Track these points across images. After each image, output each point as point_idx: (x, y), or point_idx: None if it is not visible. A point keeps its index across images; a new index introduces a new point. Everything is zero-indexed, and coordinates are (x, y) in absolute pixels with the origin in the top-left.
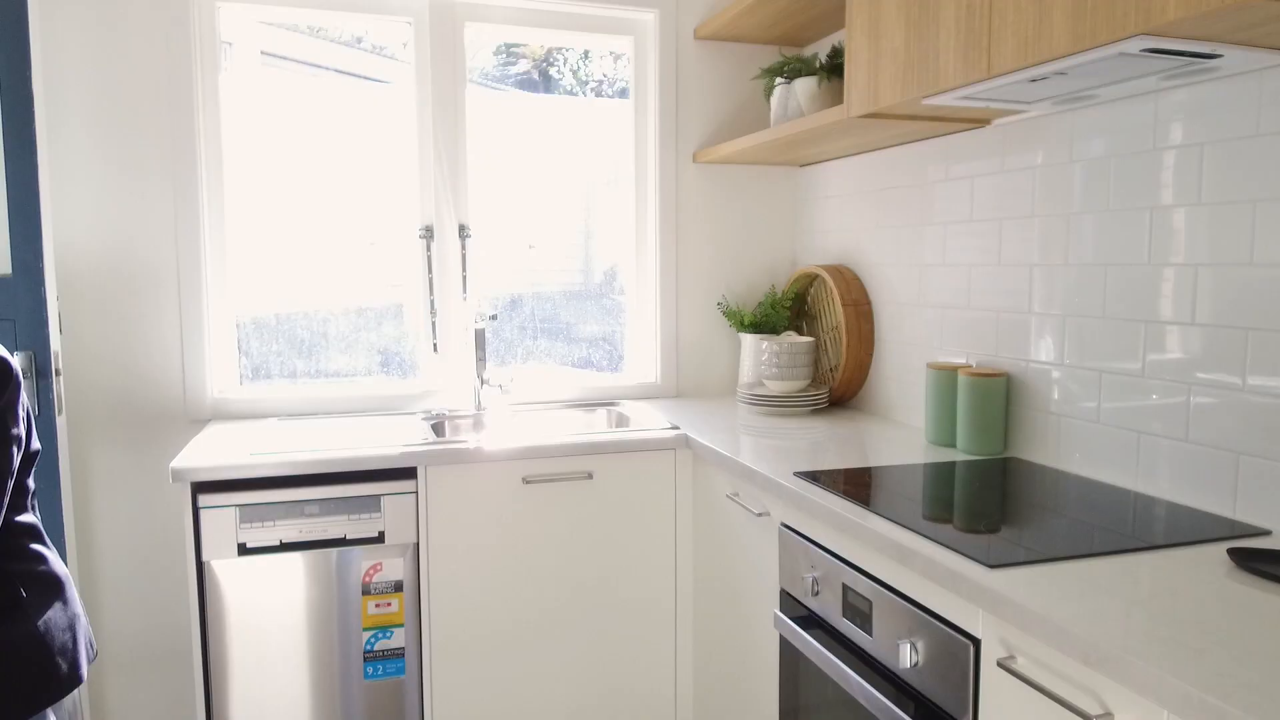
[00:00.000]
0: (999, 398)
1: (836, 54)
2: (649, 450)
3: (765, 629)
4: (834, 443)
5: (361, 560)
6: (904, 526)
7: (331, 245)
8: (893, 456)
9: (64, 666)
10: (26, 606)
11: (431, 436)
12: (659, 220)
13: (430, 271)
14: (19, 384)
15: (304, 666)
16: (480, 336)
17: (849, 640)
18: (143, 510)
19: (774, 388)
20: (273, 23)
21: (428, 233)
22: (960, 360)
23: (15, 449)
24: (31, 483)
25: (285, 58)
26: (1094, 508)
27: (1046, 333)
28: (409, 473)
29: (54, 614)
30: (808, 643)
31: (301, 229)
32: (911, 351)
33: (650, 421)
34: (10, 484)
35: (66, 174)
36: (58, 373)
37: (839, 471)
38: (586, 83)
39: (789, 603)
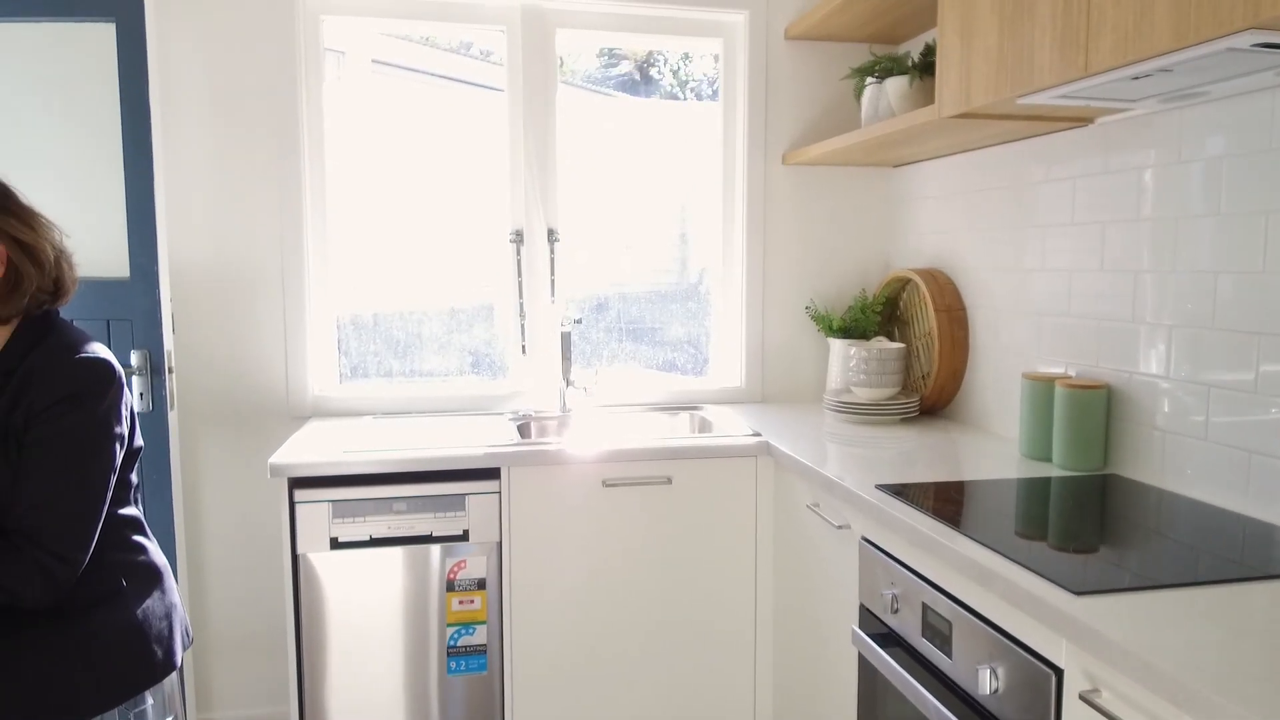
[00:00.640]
0: (1099, 410)
1: (929, 52)
2: (729, 456)
3: (844, 644)
4: (922, 454)
5: (446, 557)
6: (986, 546)
7: (427, 248)
8: (983, 470)
9: (159, 653)
10: (126, 595)
11: (516, 437)
12: (746, 222)
13: (520, 275)
14: (122, 385)
15: (392, 658)
16: (566, 340)
17: (928, 661)
18: (247, 502)
19: (862, 395)
20: (385, 32)
21: (518, 237)
22: (1059, 370)
23: (119, 446)
24: (134, 477)
25: (395, 65)
26: (1199, 531)
27: (1152, 343)
28: (493, 473)
29: (152, 603)
30: (885, 662)
31: (399, 232)
32: (1007, 360)
33: (732, 427)
34: (114, 479)
35: (180, 183)
36: (170, 370)
37: (924, 485)
38: (686, 82)
39: (868, 619)
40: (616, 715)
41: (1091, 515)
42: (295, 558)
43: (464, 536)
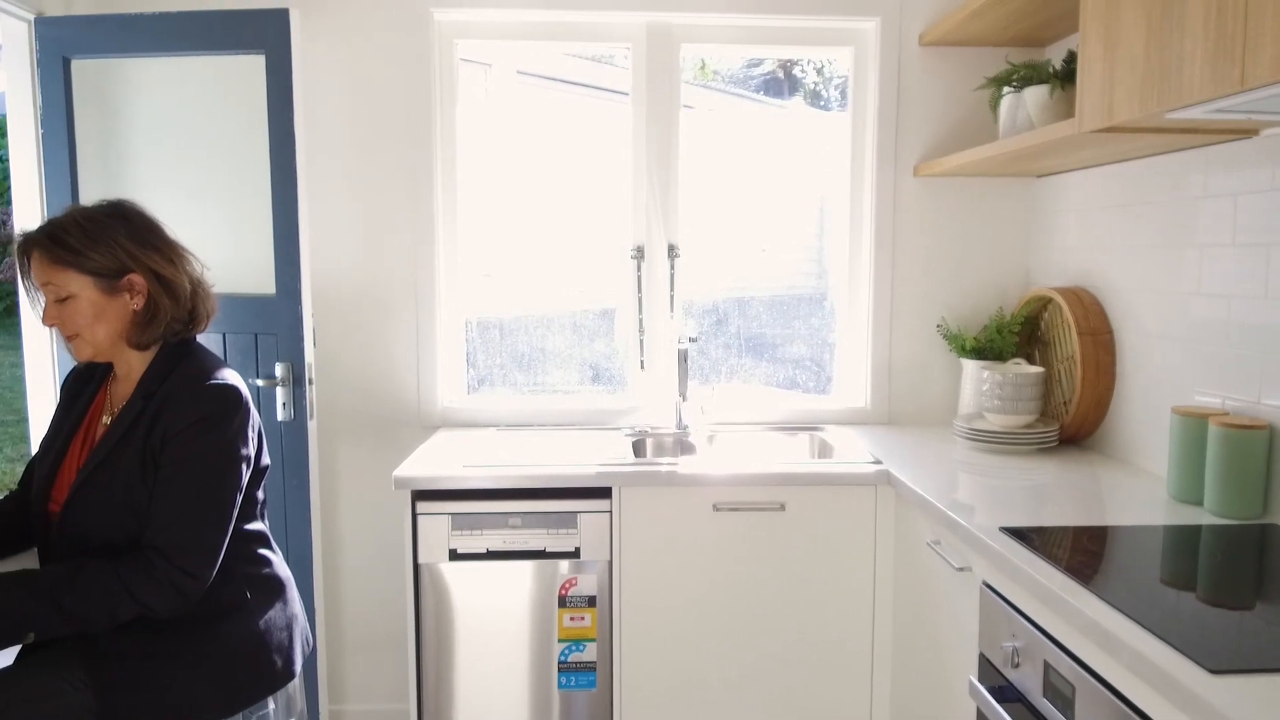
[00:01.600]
0: (1259, 453)
1: (1072, 59)
2: (847, 485)
3: (961, 694)
4: (1058, 490)
5: (558, 573)
6: (1115, 608)
7: (552, 262)
8: (1124, 513)
9: (279, 662)
10: (251, 607)
11: (630, 455)
12: (874, 236)
13: (639, 290)
14: (249, 409)
15: (510, 667)
16: (683, 357)
17: None
18: (378, 508)
19: (995, 421)
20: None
21: (639, 253)
22: (1215, 405)
23: (245, 467)
24: (261, 494)
25: (537, 75)
26: None
27: None
28: (605, 492)
29: (274, 614)
30: None
31: (525, 245)
32: (1158, 390)
33: (852, 453)
34: (240, 498)
35: (322, 204)
36: (311, 381)
37: (1055, 530)
38: (831, 79)
39: (987, 670)
40: None
41: (1245, 572)
42: (417, 567)
43: (576, 553)
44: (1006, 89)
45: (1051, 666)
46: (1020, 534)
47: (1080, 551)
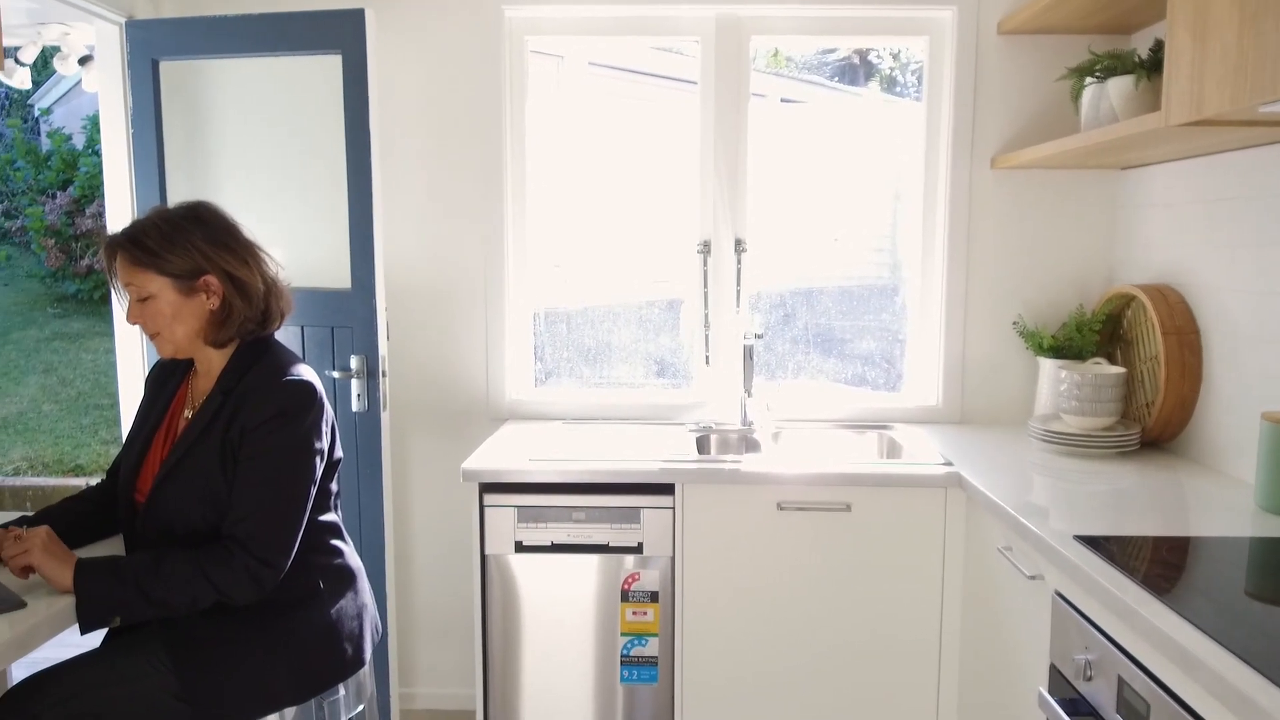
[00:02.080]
0: None
1: (1159, 48)
2: (916, 486)
3: (1030, 705)
4: (1138, 496)
5: (621, 568)
6: (1195, 625)
7: (619, 255)
8: (1207, 523)
9: (350, 650)
10: (324, 596)
11: (694, 451)
12: (949, 229)
13: (705, 285)
14: (323, 405)
15: (575, 658)
16: (748, 354)
17: None
18: (449, 498)
19: (1073, 423)
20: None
21: (705, 248)
22: None
23: (319, 460)
24: (334, 486)
25: (609, 66)
26: None
27: None
28: (668, 488)
29: (345, 603)
30: None
31: (592, 239)
32: (1247, 394)
33: (922, 453)
34: (314, 490)
35: (396, 200)
36: (384, 374)
37: (1132, 539)
38: (907, 65)
39: (1058, 682)
40: None
41: None
42: (484, 557)
43: (639, 549)
44: (1089, 79)
45: (1126, 682)
46: (1095, 543)
47: (1159, 563)
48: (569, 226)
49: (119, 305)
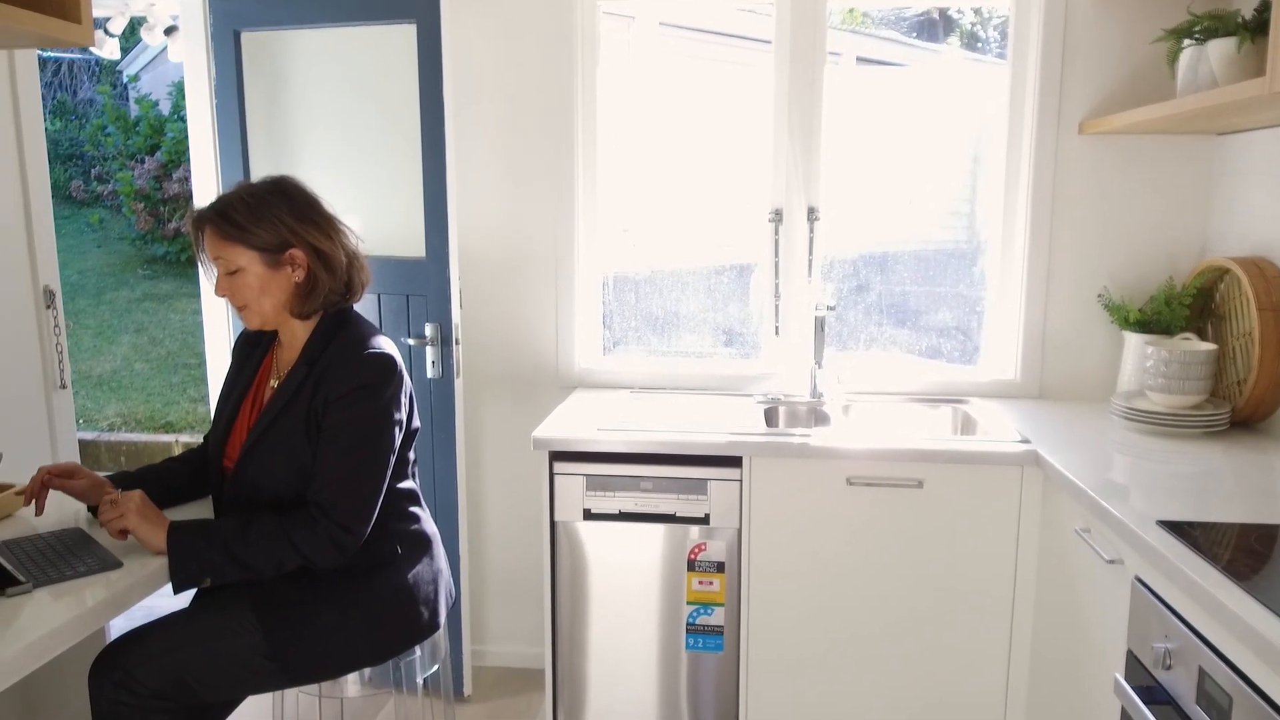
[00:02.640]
0: None
1: (1265, 8)
2: (990, 464)
3: (1105, 691)
4: (1225, 480)
5: (688, 538)
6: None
7: (688, 222)
8: None
9: (426, 614)
10: (401, 561)
11: (762, 424)
12: (1032, 196)
13: (776, 255)
14: (402, 376)
15: (641, 623)
16: (819, 325)
17: None
18: (519, 465)
19: (1158, 401)
20: None
21: (777, 216)
22: None
23: (398, 430)
24: (412, 455)
25: (681, 26)
26: None
27: None
28: (735, 461)
29: (422, 568)
30: None
31: (663, 205)
32: None
33: (998, 430)
34: (393, 459)
35: (469, 169)
36: (457, 342)
37: (1219, 525)
38: (990, 19)
39: (1135, 669)
40: (851, 710)
41: None
42: (554, 524)
43: (705, 520)
44: (1187, 41)
45: (1207, 674)
46: (1179, 528)
47: (1245, 551)
48: (639, 192)
49: (205, 277)
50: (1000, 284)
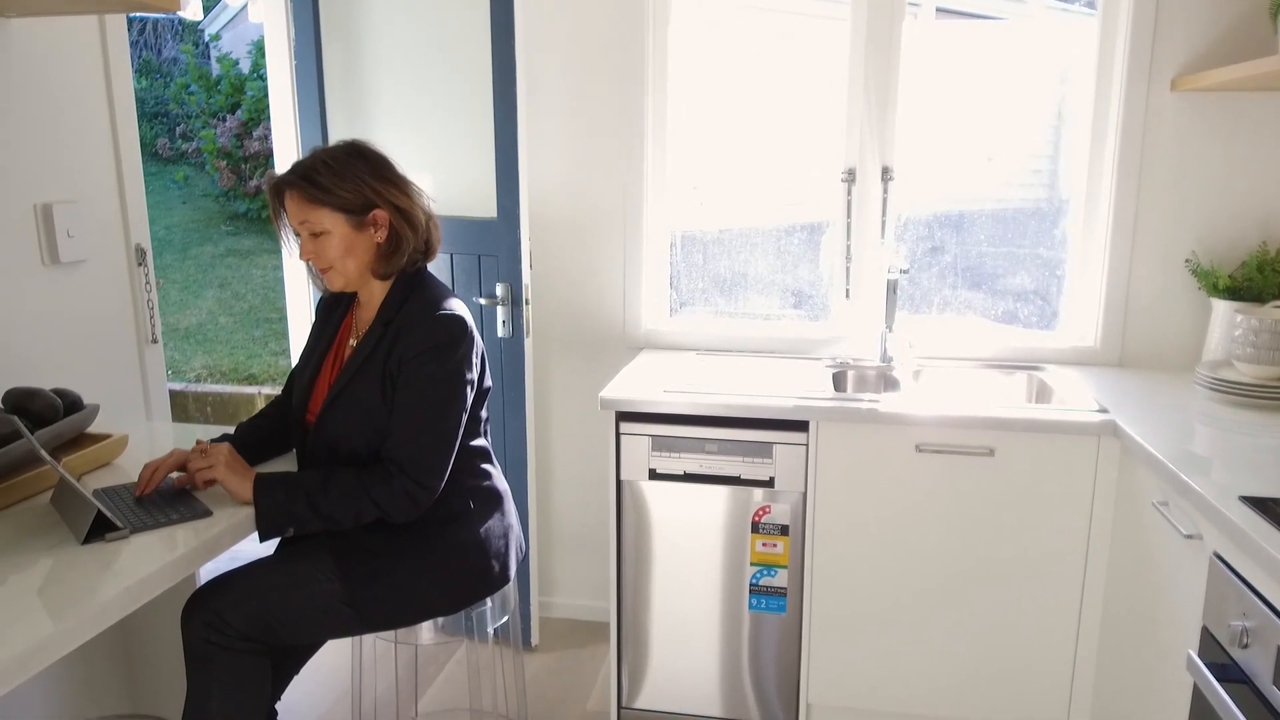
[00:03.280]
0: None
1: None
2: (1066, 434)
3: (1177, 667)
4: None
5: (752, 500)
6: None
7: (758, 183)
8: None
9: (497, 567)
10: (473, 516)
11: (829, 389)
12: (1118, 155)
13: (849, 216)
14: (473, 337)
15: (699, 583)
16: (892, 287)
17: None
18: (587, 424)
19: (1246, 372)
20: None
21: (849, 176)
22: None
23: (469, 389)
24: (484, 413)
25: None
26: None
27: None
28: (801, 425)
29: (493, 523)
30: (1225, 704)
31: (733, 163)
32: None
33: (1074, 398)
34: (465, 417)
35: (540, 130)
36: (527, 302)
37: None
38: None
39: (1209, 646)
40: (917, 677)
41: None
42: (620, 483)
43: (770, 483)
44: None
45: None
46: (1262, 504)
47: None
48: (709, 149)
49: (285, 243)
50: (1082, 246)
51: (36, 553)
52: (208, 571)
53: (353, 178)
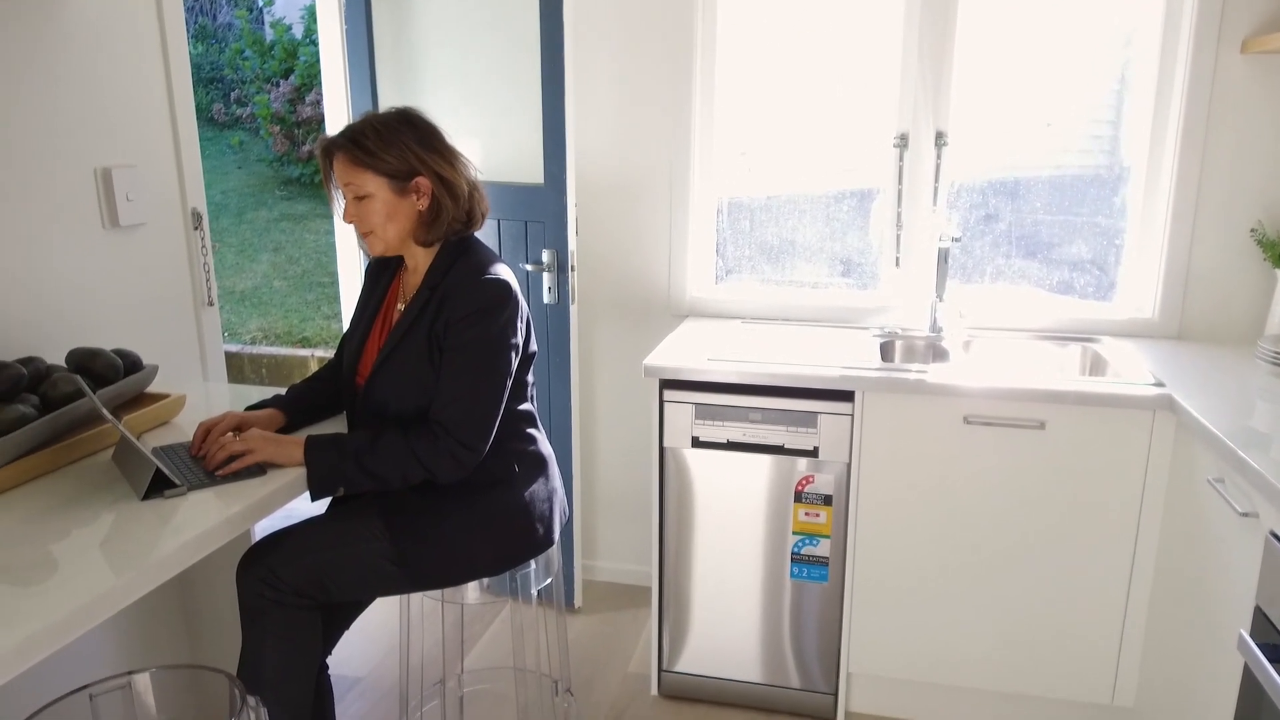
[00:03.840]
0: None
1: None
2: (1119, 407)
3: (1228, 647)
4: None
5: (795, 470)
6: None
7: (806, 149)
8: None
9: (541, 530)
10: (518, 479)
11: (877, 358)
12: (1183, 120)
13: (900, 182)
14: (518, 302)
15: (740, 550)
16: (943, 256)
17: None
18: (630, 390)
19: None
20: None
21: (902, 141)
22: None
23: (514, 354)
24: (529, 378)
25: None
26: None
27: None
28: (847, 395)
29: (537, 487)
30: (1276, 684)
31: (781, 128)
32: None
33: (1129, 370)
34: (510, 381)
35: (584, 91)
36: (573, 268)
37: None
38: None
39: (1261, 625)
40: (956, 647)
41: None
42: (663, 449)
43: (814, 453)
44: None
45: None
46: None
47: None
48: (757, 113)
49: (333, 205)
50: (1143, 214)
51: (98, 507)
52: (261, 529)
53: (398, 144)
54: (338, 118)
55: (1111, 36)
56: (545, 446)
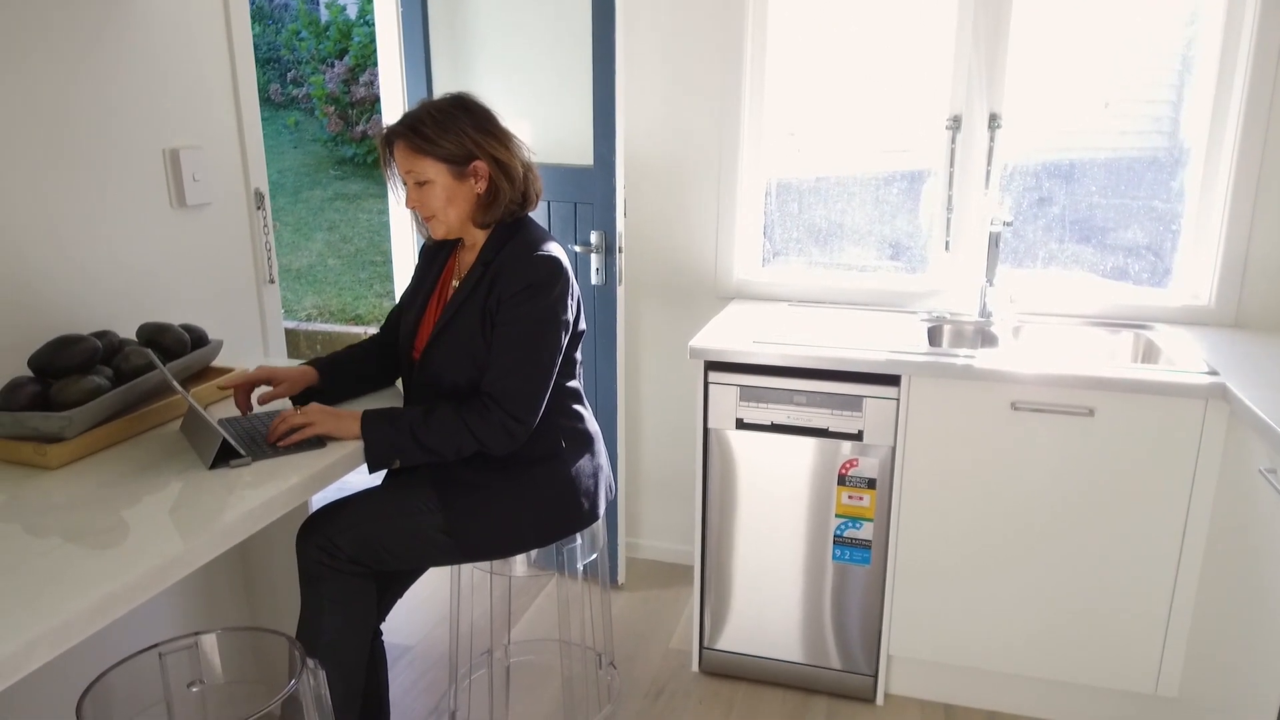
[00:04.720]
0: None
1: None
2: (1170, 395)
3: (1276, 639)
4: None
5: (839, 453)
6: None
7: (856, 130)
8: None
9: (586, 505)
10: (565, 455)
11: (924, 343)
12: (1246, 100)
13: (951, 165)
14: (569, 279)
15: (783, 532)
16: (994, 240)
17: None
18: (676, 371)
19: None
20: None
21: (954, 123)
22: None
23: (564, 331)
24: (578, 356)
25: None
26: None
27: None
28: (893, 379)
29: (583, 463)
30: None
31: (831, 108)
32: None
33: (1183, 358)
34: (559, 357)
35: (635, 72)
36: (620, 250)
37: None
38: None
39: None
40: (1000, 633)
41: None
42: (707, 430)
43: (858, 436)
44: None
45: None
46: None
47: None
48: (807, 93)
49: (394, 192)
50: (1201, 199)
51: (168, 476)
52: (319, 500)
53: (455, 130)
54: (393, 99)
55: (1174, 13)
56: (592, 424)
